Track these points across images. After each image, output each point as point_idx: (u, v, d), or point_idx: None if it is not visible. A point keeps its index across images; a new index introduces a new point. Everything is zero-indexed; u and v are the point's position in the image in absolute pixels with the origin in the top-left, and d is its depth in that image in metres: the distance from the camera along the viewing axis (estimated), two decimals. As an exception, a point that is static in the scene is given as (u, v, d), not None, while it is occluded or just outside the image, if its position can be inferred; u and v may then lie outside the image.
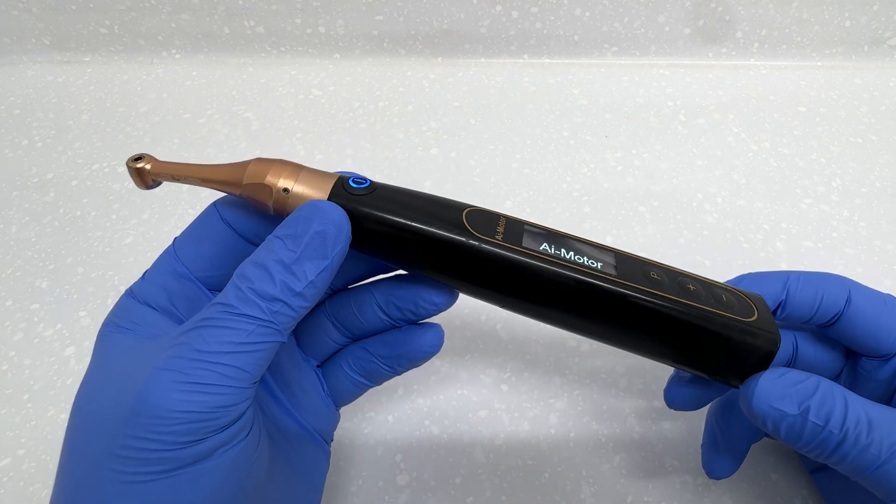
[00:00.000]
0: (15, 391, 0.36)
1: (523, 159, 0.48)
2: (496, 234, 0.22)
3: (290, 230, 0.21)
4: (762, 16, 0.54)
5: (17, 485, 0.32)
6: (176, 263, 0.23)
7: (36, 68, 0.58)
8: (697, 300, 0.23)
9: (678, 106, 0.53)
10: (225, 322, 0.19)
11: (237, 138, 0.51)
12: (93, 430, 0.20)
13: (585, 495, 0.31)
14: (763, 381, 0.22)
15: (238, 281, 0.20)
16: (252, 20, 0.56)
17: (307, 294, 0.20)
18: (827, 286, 0.25)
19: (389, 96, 0.54)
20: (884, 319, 0.24)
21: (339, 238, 0.21)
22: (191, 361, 0.19)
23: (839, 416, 0.21)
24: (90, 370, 0.22)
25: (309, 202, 0.21)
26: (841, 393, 0.22)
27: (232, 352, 0.19)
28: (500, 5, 0.53)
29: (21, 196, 0.47)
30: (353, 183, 0.22)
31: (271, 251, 0.20)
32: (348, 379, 0.27)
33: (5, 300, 0.40)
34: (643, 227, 0.43)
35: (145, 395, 0.19)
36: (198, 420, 0.19)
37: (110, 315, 0.23)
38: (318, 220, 0.20)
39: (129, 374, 0.20)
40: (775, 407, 0.21)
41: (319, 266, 0.20)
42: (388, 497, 0.31)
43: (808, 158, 0.48)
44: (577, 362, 0.36)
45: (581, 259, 0.23)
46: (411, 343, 0.25)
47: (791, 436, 0.22)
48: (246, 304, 0.20)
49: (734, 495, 0.31)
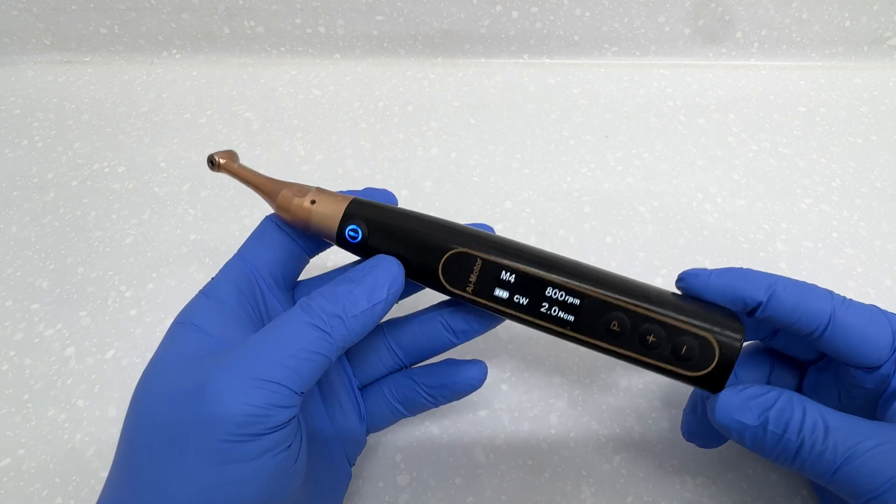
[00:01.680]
0: (15, 391, 0.36)
1: (523, 159, 0.48)
2: (468, 283, 0.26)
3: (358, 273, 0.25)
4: (762, 16, 0.54)
5: (17, 485, 0.32)
6: (244, 265, 0.27)
7: (36, 68, 0.58)
8: (650, 354, 0.25)
9: (678, 106, 0.53)
10: (292, 327, 0.22)
11: (237, 138, 0.51)
12: (155, 414, 0.22)
13: (585, 495, 0.31)
14: (723, 396, 0.24)
15: (307, 299, 0.23)
16: (252, 20, 0.56)
17: (361, 319, 0.23)
18: (812, 298, 0.25)
19: (389, 96, 0.54)
20: (870, 333, 0.24)
21: (394, 284, 0.25)
22: (258, 356, 0.21)
23: (796, 425, 0.23)
24: (155, 360, 0.23)
25: (377, 257, 0.26)
26: (800, 403, 0.23)
27: (292, 355, 0.22)
28: (500, 5, 0.53)
29: (21, 196, 0.47)
30: (349, 238, 0.26)
31: (338, 283, 0.24)
32: (387, 404, 0.29)
33: (5, 300, 0.40)
34: (643, 227, 0.43)
35: (209, 382, 0.21)
36: (254, 413, 0.20)
37: (182, 313, 0.25)
38: (381, 269, 0.25)
39: (197, 367, 0.22)
40: (736, 419, 0.23)
41: (375, 300, 0.24)
42: (388, 497, 0.31)
43: (808, 158, 0.48)
44: (577, 362, 0.36)
45: (544, 306, 0.25)
46: (457, 374, 0.28)
47: (755, 444, 0.23)
48: (311, 316, 0.23)
49: (734, 495, 0.31)
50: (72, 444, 0.34)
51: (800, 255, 0.41)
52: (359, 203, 0.27)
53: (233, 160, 0.28)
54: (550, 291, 0.25)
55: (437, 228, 0.26)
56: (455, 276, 0.26)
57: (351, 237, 0.26)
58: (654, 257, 0.41)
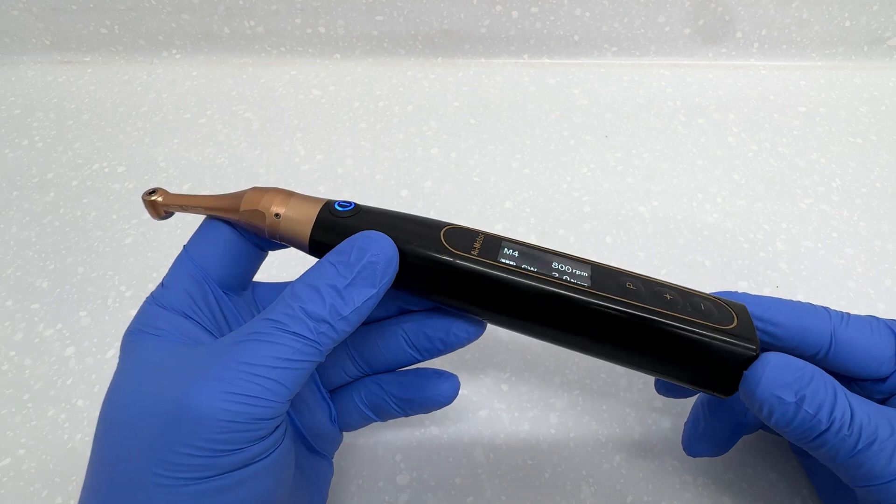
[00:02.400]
0: (15, 391, 0.36)
1: (523, 159, 0.48)
2: (472, 249, 0.23)
3: (343, 257, 0.22)
4: (762, 16, 0.54)
5: (17, 485, 0.32)
6: (192, 267, 0.24)
7: (36, 68, 0.58)
8: (674, 308, 0.23)
9: (678, 106, 0.53)
10: (274, 337, 0.20)
11: (237, 138, 0.51)
12: (130, 434, 0.20)
13: (585, 495, 0.31)
14: (771, 368, 0.22)
15: (289, 299, 0.21)
16: (252, 20, 0.56)
17: (352, 319, 0.21)
18: (810, 319, 0.25)
19: (389, 96, 0.54)
20: (873, 347, 0.24)
21: (388, 269, 0.22)
22: (238, 373, 0.20)
23: (829, 407, 0.22)
24: (120, 376, 0.22)
25: (363, 233, 0.22)
26: (831, 384, 0.22)
27: (277, 367, 0.20)
28: (500, 5, 0.53)
29: (21, 196, 0.47)
30: (339, 206, 0.24)
31: (323, 275, 0.21)
32: (357, 410, 0.27)
33: (5, 300, 0.40)
34: (643, 227, 0.43)
35: (191, 401, 0.19)
36: (239, 430, 0.19)
37: (134, 322, 0.23)
38: (370, 250, 0.22)
39: (167, 379, 0.20)
40: (776, 394, 0.22)
41: (368, 293, 0.21)
42: (388, 497, 0.31)
43: (808, 158, 0.48)
44: (577, 362, 0.36)
45: (555, 273, 0.23)
46: (427, 390, 0.26)
47: (782, 421, 0.22)
48: (295, 322, 0.20)
49: (734, 495, 0.31)
50: (72, 444, 0.34)
51: (800, 255, 0.41)
52: (332, 204, 0.24)
53: (168, 195, 0.25)
54: (557, 264, 0.24)
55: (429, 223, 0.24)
56: (458, 242, 0.23)
57: (342, 206, 0.24)
58: (654, 257, 0.41)
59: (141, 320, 0.23)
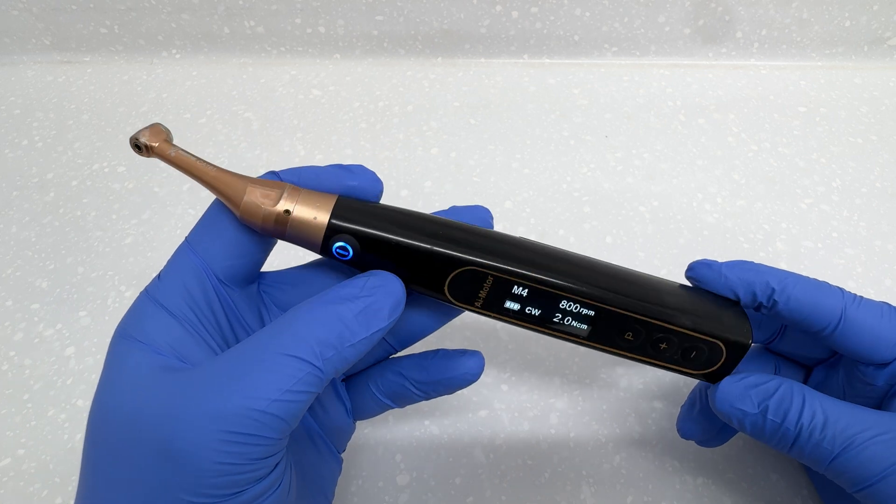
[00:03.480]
0: (15, 391, 0.36)
1: (523, 159, 0.48)
2: (477, 299, 0.24)
3: (355, 290, 0.21)
4: (762, 16, 0.54)
5: (17, 485, 0.32)
6: (193, 259, 0.22)
7: (36, 68, 0.58)
8: (661, 358, 0.25)
9: (678, 106, 0.53)
10: (274, 366, 0.19)
11: (237, 138, 0.51)
12: (123, 469, 0.19)
13: (585, 495, 0.31)
14: (724, 384, 0.25)
15: (293, 325, 0.20)
16: (252, 20, 0.56)
17: (357, 348, 0.21)
18: (823, 295, 0.25)
19: (389, 96, 0.54)
20: (881, 330, 0.25)
21: (396, 310, 0.22)
22: (235, 408, 0.18)
23: (795, 414, 0.23)
24: (107, 388, 0.21)
25: (377, 273, 0.22)
26: (800, 392, 0.24)
27: (277, 399, 0.19)
28: (500, 5, 0.53)
29: (21, 196, 0.47)
30: (338, 255, 0.23)
31: (330, 301, 0.21)
32: (373, 399, 0.27)
33: (5, 300, 0.40)
34: (643, 227, 0.43)
35: (188, 443, 0.18)
36: (239, 472, 0.18)
37: (126, 322, 0.22)
38: (381, 291, 0.22)
39: (160, 408, 0.19)
40: (736, 407, 0.24)
41: (375, 327, 0.21)
42: (388, 497, 0.31)
43: (808, 158, 0.48)
44: (577, 362, 0.36)
45: (557, 317, 0.24)
46: (452, 369, 0.25)
47: (755, 431, 0.24)
48: (298, 346, 0.19)
49: (734, 495, 0.31)
50: (72, 444, 0.34)
51: (800, 255, 0.41)
52: (345, 206, 0.22)
53: (166, 142, 0.22)
54: (564, 304, 0.24)
55: (440, 236, 0.23)
56: (462, 292, 0.23)
57: (340, 255, 0.22)
58: (654, 257, 0.41)
59: (132, 321, 0.22)
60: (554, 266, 0.24)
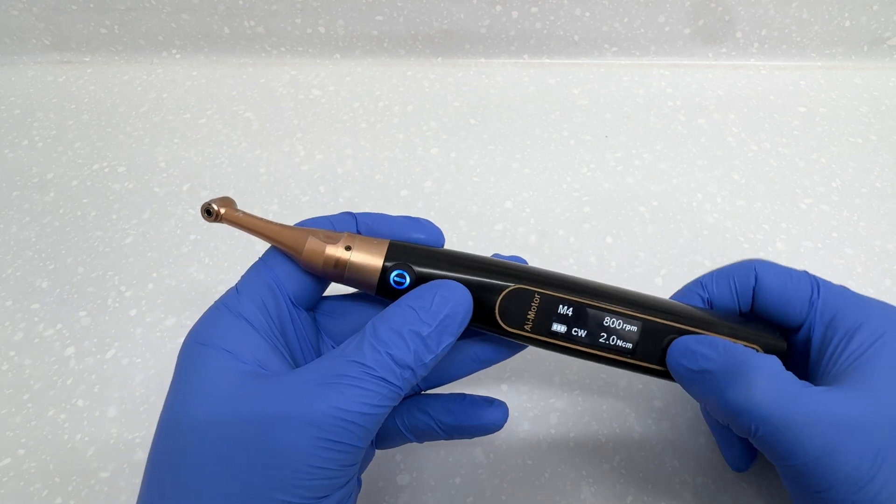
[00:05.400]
0: (15, 391, 0.36)
1: (523, 159, 0.48)
2: (526, 321, 0.25)
3: (425, 303, 0.22)
4: (762, 16, 0.53)
5: (17, 485, 0.32)
6: (269, 276, 0.24)
7: (36, 68, 0.58)
8: None
9: (678, 106, 0.53)
10: (363, 383, 0.20)
11: (237, 138, 0.51)
12: (214, 470, 0.20)
13: (585, 495, 0.31)
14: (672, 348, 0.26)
15: (375, 343, 0.21)
16: (252, 20, 0.56)
17: (430, 365, 0.22)
18: (736, 275, 0.27)
19: (389, 96, 0.54)
20: (789, 293, 0.26)
21: (466, 319, 0.23)
22: (331, 419, 0.20)
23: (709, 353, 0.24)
24: (189, 392, 0.21)
25: (444, 282, 0.23)
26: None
27: (366, 413, 0.20)
28: (500, 5, 0.53)
29: (21, 196, 0.47)
30: (395, 284, 0.24)
31: (406, 320, 0.22)
32: (396, 433, 0.27)
33: (5, 300, 0.40)
34: (643, 227, 0.43)
35: (285, 444, 0.19)
36: (330, 477, 0.20)
37: (201, 331, 0.23)
38: (451, 301, 0.22)
39: (249, 411, 0.20)
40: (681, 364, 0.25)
41: (447, 342, 0.22)
42: (388, 497, 0.31)
43: (808, 158, 0.48)
44: (577, 362, 0.36)
45: (602, 337, 0.25)
46: (477, 418, 0.26)
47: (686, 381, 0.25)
48: (383, 368, 0.21)
49: (734, 495, 0.31)
50: (72, 444, 0.34)
51: (800, 255, 0.41)
52: (398, 247, 0.25)
53: (233, 209, 0.24)
54: (609, 321, 0.25)
55: (486, 267, 0.25)
56: (512, 315, 0.25)
57: (397, 283, 0.24)
58: (654, 257, 0.41)
59: (207, 328, 0.23)
60: (597, 289, 0.26)
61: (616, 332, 0.25)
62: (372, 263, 0.24)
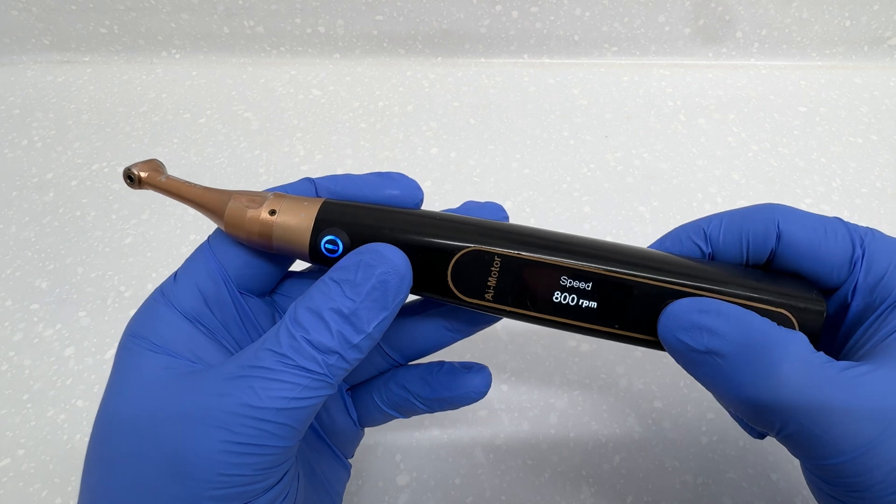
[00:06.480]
0: (15, 391, 0.36)
1: (523, 159, 0.48)
2: (487, 289, 0.21)
3: (349, 275, 0.19)
4: (762, 16, 0.53)
5: (17, 485, 0.32)
6: (211, 261, 0.22)
7: (36, 68, 0.58)
8: None
9: (678, 106, 0.53)
10: (278, 374, 0.18)
11: (237, 138, 0.51)
12: (127, 476, 0.18)
13: (585, 495, 0.31)
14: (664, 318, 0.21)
15: (292, 328, 0.19)
16: (252, 20, 0.56)
17: (363, 346, 0.19)
18: (751, 228, 0.21)
19: (389, 96, 0.54)
20: (823, 251, 0.20)
21: (401, 288, 0.19)
22: (241, 418, 0.17)
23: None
24: (116, 390, 0.20)
25: (370, 246, 0.20)
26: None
27: (283, 408, 0.18)
28: (500, 5, 0.53)
29: (21, 196, 0.47)
30: (327, 252, 0.21)
31: (328, 297, 0.19)
32: (377, 410, 0.25)
33: (5, 300, 0.40)
34: (643, 227, 0.43)
35: (193, 454, 0.17)
36: (246, 483, 0.18)
37: (137, 322, 0.21)
38: (380, 267, 0.19)
39: (168, 416, 0.18)
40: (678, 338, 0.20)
41: (379, 317, 0.19)
42: (388, 497, 0.31)
43: (809, 158, 0.48)
44: (577, 362, 0.36)
45: (586, 306, 0.21)
46: (457, 388, 0.24)
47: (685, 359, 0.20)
48: (301, 356, 0.18)
49: (734, 495, 0.31)
50: (72, 444, 0.34)
51: (800, 255, 0.41)
52: (333, 207, 0.21)
53: (157, 172, 0.21)
54: (591, 285, 0.21)
55: (437, 224, 0.21)
56: (470, 283, 0.21)
57: (328, 251, 0.20)
58: (654, 257, 0.41)
59: (143, 321, 0.21)
60: (576, 245, 0.21)
61: (601, 298, 0.20)
62: (300, 228, 0.20)
